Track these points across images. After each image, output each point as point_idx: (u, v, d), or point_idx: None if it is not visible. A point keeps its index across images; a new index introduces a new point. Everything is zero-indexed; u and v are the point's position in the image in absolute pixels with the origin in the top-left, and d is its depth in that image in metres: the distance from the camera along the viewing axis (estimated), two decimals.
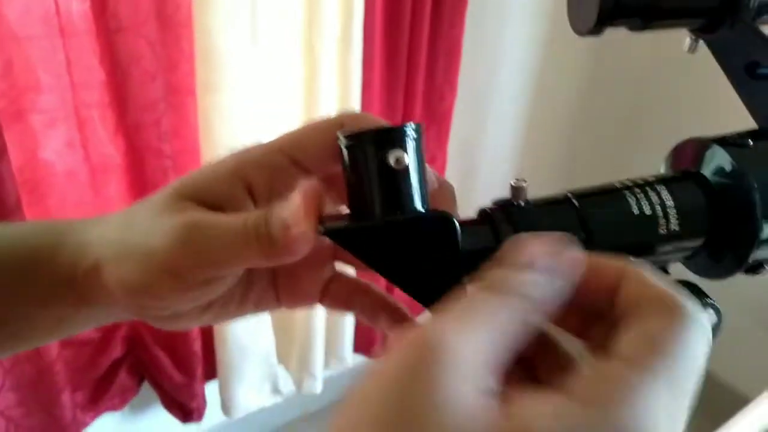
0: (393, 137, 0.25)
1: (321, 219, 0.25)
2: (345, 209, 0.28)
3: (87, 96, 1.00)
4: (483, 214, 0.28)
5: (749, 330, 1.77)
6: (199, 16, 1.00)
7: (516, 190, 0.27)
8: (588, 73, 1.84)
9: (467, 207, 0.30)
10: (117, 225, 0.29)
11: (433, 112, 1.42)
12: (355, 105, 1.24)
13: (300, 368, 1.51)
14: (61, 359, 1.12)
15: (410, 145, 0.25)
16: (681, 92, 1.65)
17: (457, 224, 0.25)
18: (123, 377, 1.29)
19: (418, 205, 0.25)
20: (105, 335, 1.22)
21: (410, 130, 0.25)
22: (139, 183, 1.10)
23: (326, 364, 1.56)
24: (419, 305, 0.26)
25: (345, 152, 0.26)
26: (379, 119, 0.28)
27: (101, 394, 1.27)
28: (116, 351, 1.26)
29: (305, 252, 0.26)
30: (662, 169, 0.32)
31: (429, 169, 0.27)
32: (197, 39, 1.02)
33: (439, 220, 0.25)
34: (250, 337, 1.35)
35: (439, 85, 1.39)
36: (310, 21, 1.13)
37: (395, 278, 0.26)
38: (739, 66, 0.33)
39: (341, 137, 0.25)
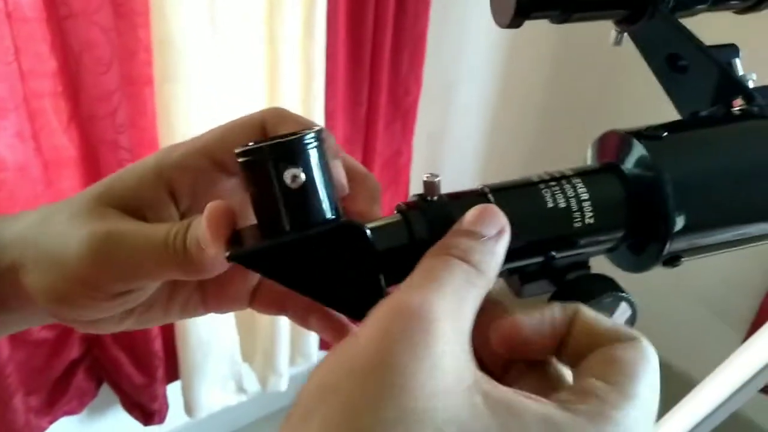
0: (288, 152, 0.23)
1: (235, 235, 0.25)
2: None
3: (38, 85, 0.96)
4: (398, 210, 0.27)
5: (702, 318, 1.82)
6: (156, 4, 0.97)
7: (428, 185, 0.27)
8: (553, 65, 1.86)
9: None
10: (34, 224, 0.28)
11: (398, 106, 1.42)
12: (318, 98, 1.22)
13: (265, 366, 1.49)
14: (13, 361, 1.07)
15: (310, 155, 0.24)
16: (648, 81, 1.68)
17: (366, 230, 0.25)
18: (80, 379, 1.25)
19: (324, 215, 0.24)
20: (60, 335, 1.18)
21: (307, 141, 0.24)
22: (94, 176, 1.06)
23: (292, 362, 1.54)
24: None
25: (240, 168, 0.24)
26: (302, 119, 0.28)
27: (58, 398, 1.23)
28: (73, 351, 1.22)
29: (223, 269, 0.26)
30: (588, 160, 0.32)
31: (340, 171, 0.27)
32: (154, 27, 0.99)
33: (344, 229, 0.24)
34: (213, 335, 1.32)
35: (404, 79, 1.39)
36: (271, 11, 1.11)
37: (311, 293, 0.25)
38: (661, 58, 0.33)
39: (237, 153, 0.24)
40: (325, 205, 0.24)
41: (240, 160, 0.24)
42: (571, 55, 1.82)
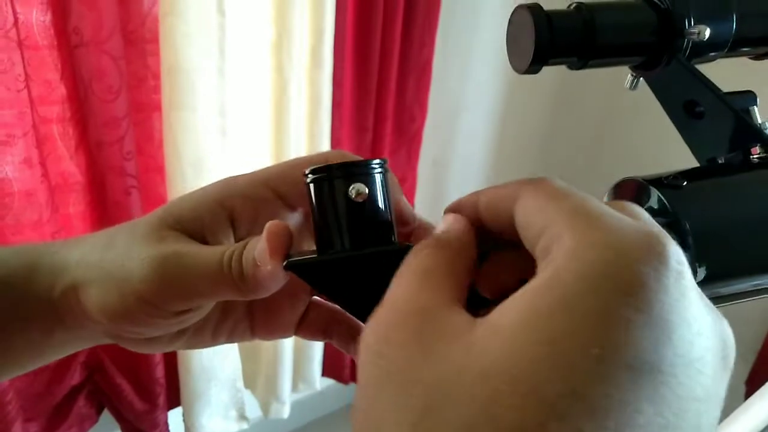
0: (356, 171, 0.25)
1: (290, 256, 0.26)
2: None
3: (47, 112, 0.96)
4: None
5: None
6: (165, 32, 0.98)
7: None
8: (557, 92, 1.87)
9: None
10: (97, 246, 0.29)
11: (403, 132, 1.43)
12: (325, 125, 1.23)
13: (267, 393, 1.48)
14: (14, 387, 1.07)
15: (374, 179, 0.25)
16: (650, 111, 1.69)
17: None
18: (81, 405, 1.24)
19: (382, 237, 0.25)
20: (62, 361, 1.17)
21: (374, 165, 0.25)
22: (101, 202, 1.06)
23: (294, 389, 1.53)
24: None
25: (310, 186, 0.26)
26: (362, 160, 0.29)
27: (58, 424, 1.21)
28: (74, 378, 1.21)
29: (276, 288, 0.27)
30: None
31: (404, 206, 0.28)
32: (163, 55, 0.99)
33: (401, 253, 0.24)
34: (215, 362, 1.31)
35: (410, 105, 1.40)
36: (279, 39, 1.12)
37: (357, 310, 0.26)
38: (678, 104, 0.33)
39: (307, 171, 0.26)
40: (384, 227, 0.26)
41: (309, 177, 0.25)
42: (573, 83, 1.83)
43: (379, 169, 0.25)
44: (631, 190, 0.29)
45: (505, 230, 0.22)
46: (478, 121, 1.74)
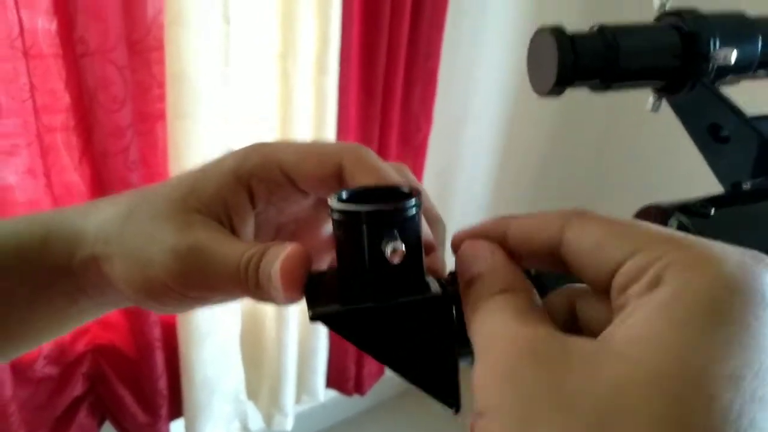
0: (390, 221, 0.22)
1: (310, 280, 0.25)
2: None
3: (51, 121, 0.96)
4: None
5: None
6: (170, 41, 0.97)
7: None
8: (562, 104, 1.86)
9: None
10: (117, 218, 0.28)
11: (409, 142, 1.42)
12: (330, 135, 1.22)
13: (270, 404, 1.46)
14: (17, 399, 1.06)
15: (411, 222, 0.23)
16: (655, 121, 1.68)
17: (451, 303, 0.24)
18: (83, 417, 1.23)
19: (414, 284, 0.23)
20: (65, 372, 1.16)
21: (411, 206, 0.22)
22: None
23: (297, 400, 1.52)
24: None
25: (335, 222, 0.23)
26: (383, 172, 0.27)
27: None
28: (76, 389, 1.20)
29: (293, 303, 0.26)
30: None
31: (428, 230, 0.26)
32: (168, 64, 0.99)
33: (432, 301, 0.24)
34: (218, 373, 1.30)
35: (415, 116, 1.39)
36: (285, 47, 1.12)
37: (388, 360, 0.24)
38: (702, 127, 0.32)
39: (331, 203, 0.23)
40: (416, 272, 0.24)
41: (335, 217, 0.23)
42: (579, 95, 1.83)
43: (415, 209, 0.23)
44: (654, 217, 0.29)
45: (537, 257, 0.23)
46: (484, 131, 1.73)
